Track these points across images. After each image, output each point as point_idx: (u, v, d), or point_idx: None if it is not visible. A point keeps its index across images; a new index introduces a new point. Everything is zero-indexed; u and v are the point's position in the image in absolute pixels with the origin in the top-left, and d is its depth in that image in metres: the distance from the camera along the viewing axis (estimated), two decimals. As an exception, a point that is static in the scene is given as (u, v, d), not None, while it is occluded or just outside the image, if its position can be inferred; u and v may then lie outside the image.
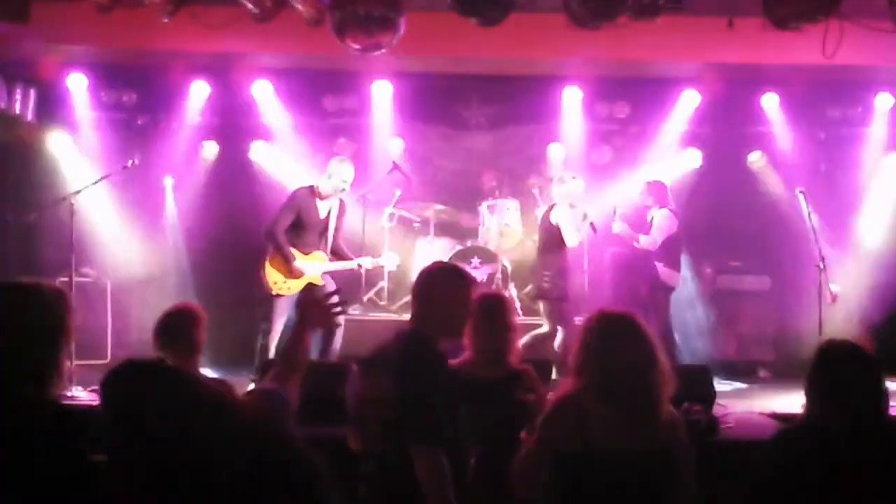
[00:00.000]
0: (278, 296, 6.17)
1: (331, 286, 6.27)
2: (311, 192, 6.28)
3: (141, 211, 8.18)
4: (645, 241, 7.17)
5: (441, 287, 3.03)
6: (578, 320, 6.10)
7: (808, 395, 2.64)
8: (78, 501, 1.99)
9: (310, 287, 6.20)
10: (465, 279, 3.09)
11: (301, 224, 6.21)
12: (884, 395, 2.59)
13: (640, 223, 7.46)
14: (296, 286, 6.19)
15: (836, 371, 2.60)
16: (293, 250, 6.17)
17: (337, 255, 6.40)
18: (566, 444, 2.62)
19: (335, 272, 6.37)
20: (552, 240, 6.63)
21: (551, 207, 6.73)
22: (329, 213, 6.32)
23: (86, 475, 1.99)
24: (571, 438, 2.61)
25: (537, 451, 2.71)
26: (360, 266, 6.43)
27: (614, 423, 2.60)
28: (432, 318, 2.98)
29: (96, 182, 6.53)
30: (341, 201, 6.43)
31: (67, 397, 5.04)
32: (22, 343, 2.08)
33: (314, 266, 6.24)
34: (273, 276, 6.18)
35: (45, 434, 2.00)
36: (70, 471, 1.99)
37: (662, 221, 7.18)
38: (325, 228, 6.32)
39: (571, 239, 6.53)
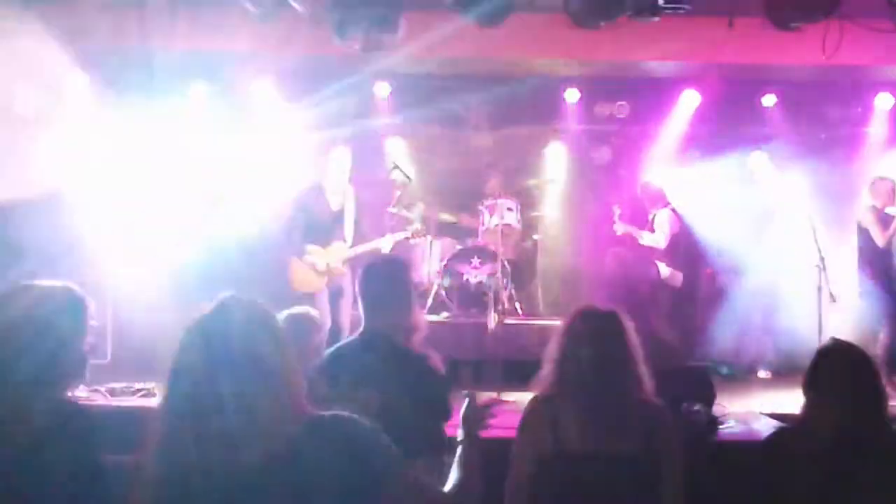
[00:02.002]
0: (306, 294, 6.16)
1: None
2: (317, 188, 6.32)
3: (141, 210, 8.17)
4: (648, 239, 7.17)
5: (387, 281, 2.96)
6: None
7: (806, 394, 2.65)
8: (89, 500, 1.99)
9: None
10: (407, 268, 3.09)
11: (314, 221, 6.24)
12: (882, 395, 2.59)
13: (642, 223, 7.47)
14: (318, 280, 6.22)
15: (835, 371, 2.60)
16: (313, 246, 6.21)
17: (361, 239, 6.39)
18: (540, 446, 2.56)
19: (360, 258, 6.27)
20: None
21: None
22: (343, 204, 6.34)
23: (96, 474, 2.00)
24: (545, 440, 2.55)
25: (517, 456, 2.63)
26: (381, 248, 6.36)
27: (585, 424, 2.53)
28: (387, 314, 2.89)
29: (96, 182, 6.53)
30: (354, 189, 6.44)
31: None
32: (39, 343, 2.08)
33: (333, 257, 6.25)
34: (296, 276, 6.24)
35: (57, 433, 2.01)
36: (81, 469, 1.99)
37: (664, 221, 7.20)
38: (341, 218, 6.32)
39: (879, 238, 6.70)
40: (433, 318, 7.12)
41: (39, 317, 2.13)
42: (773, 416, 5.38)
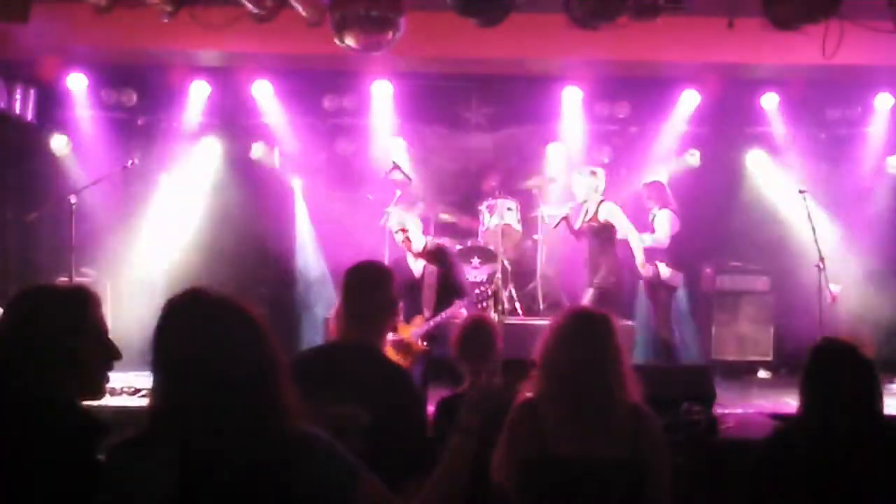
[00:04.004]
0: None
1: (437, 350, 5.43)
2: (401, 257, 5.77)
3: (141, 211, 8.19)
4: (650, 240, 7.17)
5: (373, 287, 2.78)
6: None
7: (803, 393, 2.65)
8: (88, 501, 1.99)
9: None
10: (391, 274, 2.89)
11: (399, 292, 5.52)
12: (879, 394, 2.59)
13: (643, 223, 7.46)
14: (401, 360, 5.32)
15: (832, 370, 2.61)
16: (401, 324, 5.39)
17: (444, 305, 5.52)
18: (524, 451, 2.51)
19: (435, 330, 5.48)
20: None
21: None
22: (424, 269, 5.63)
23: (96, 475, 1.99)
24: (529, 444, 2.50)
25: (505, 454, 2.58)
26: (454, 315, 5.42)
27: (570, 429, 2.49)
28: (371, 323, 2.73)
29: (96, 182, 6.53)
30: (439, 252, 5.74)
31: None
32: (44, 344, 2.08)
33: (408, 332, 5.47)
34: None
35: (57, 434, 2.00)
36: (81, 471, 1.99)
37: (665, 222, 7.19)
38: (419, 286, 5.59)
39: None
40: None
41: (49, 317, 2.12)
42: (773, 416, 5.37)
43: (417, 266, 5.69)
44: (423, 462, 2.47)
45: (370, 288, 2.78)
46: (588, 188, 6.82)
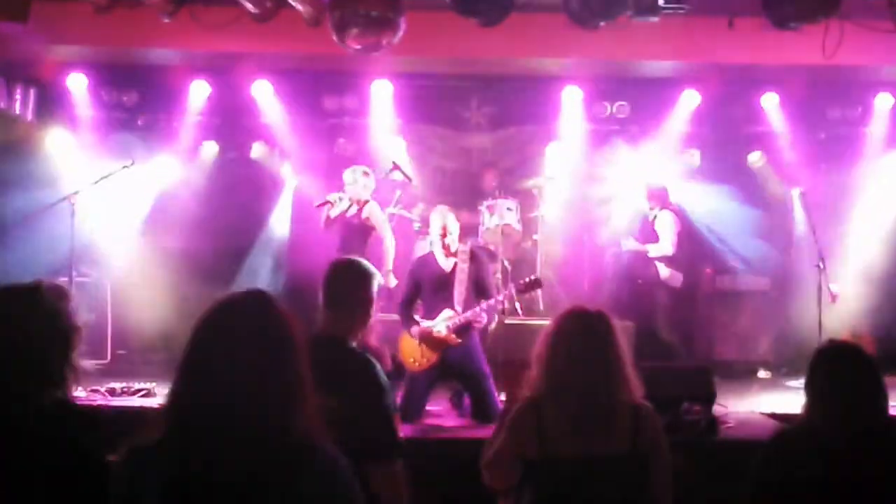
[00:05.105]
0: (411, 371, 5.44)
1: (469, 343, 5.46)
2: (430, 253, 5.75)
3: (141, 211, 8.19)
4: (655, 250, 7.16)
5: (352, 283, 2.86)
6: None
7: (807, 395, 2.65)
8: (87, 500, 1.99)
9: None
10: (370, 273, 2.93)
11: (423, 288, 5.56)
12: (883, 395, 2.59)
13: (643, 223, 7.47)
14: (429, 354, 5.45)
15: (836, 371, 2.60)
16: (422, 319, 5.47)
17: (474, 302, 5.48)
18: (527, 450, 2.54)
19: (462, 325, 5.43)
20: None
21: None
22: (455, 266, 5.53)
23: (95, 474, 1.99)
24: (531, 444, 2.52)
25: (506, 452, 2.62)
26: (489, 306, 5.42)
27: (572, 429, 2.50)
28: (345, 317, 2.81)
29: (96, 182, 6.53)
30: (472, 252, 5.66)
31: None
32: (27, 344, 2.08)
33: (439, 326, 5.41)
34: (406, 354, 5.50)
35: (53, 433, 2.00)
36: (79, 470, 1.99)
37: (667, 224, 7.18)
38: (450, 282, 5.51)
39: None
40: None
41: (21, 318, 2.11)
42: (773, 416, 5.38)
43: (447, 263, 5.61)
44: (390, 449, 2.61)
45: (347, 283, 2.87)
46: (361, 186, 6.72)
